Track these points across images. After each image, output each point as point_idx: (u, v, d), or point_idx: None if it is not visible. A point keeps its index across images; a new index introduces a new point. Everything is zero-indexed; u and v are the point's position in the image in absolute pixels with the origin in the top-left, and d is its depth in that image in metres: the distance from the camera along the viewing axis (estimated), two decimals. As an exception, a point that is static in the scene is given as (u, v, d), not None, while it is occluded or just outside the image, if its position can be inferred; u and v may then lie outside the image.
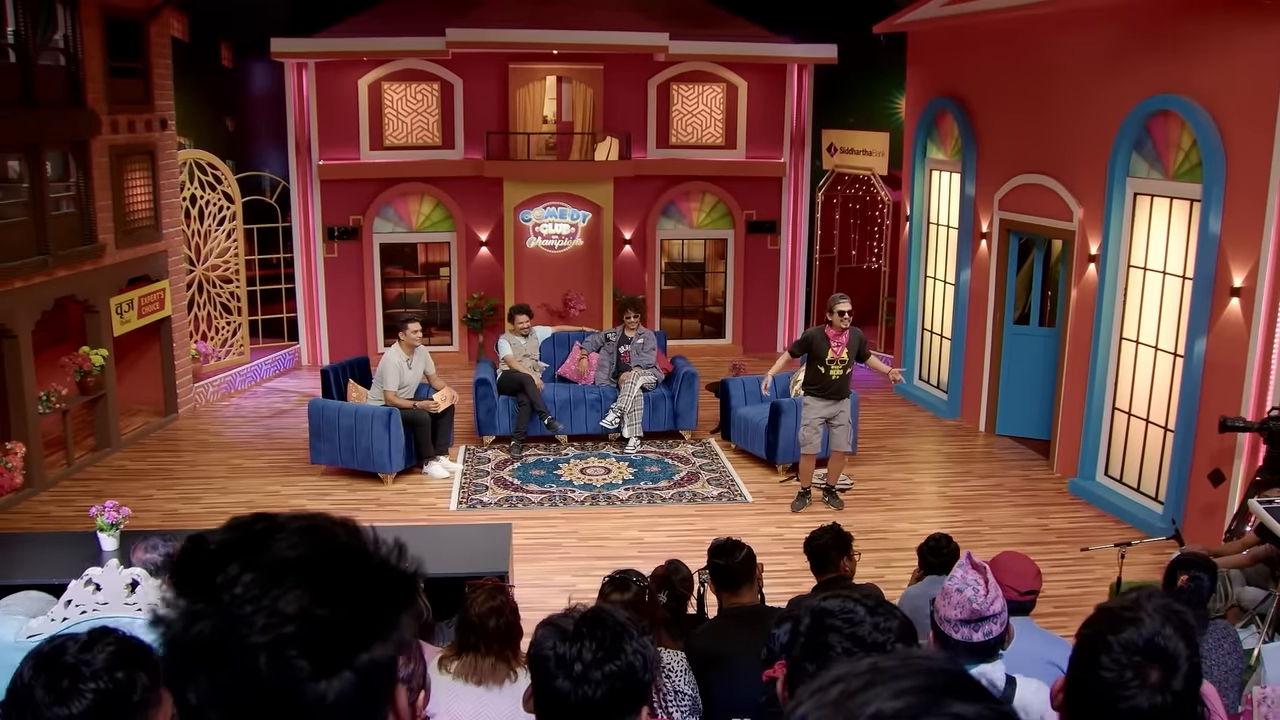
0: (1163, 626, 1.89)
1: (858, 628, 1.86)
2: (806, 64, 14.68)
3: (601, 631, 2.05)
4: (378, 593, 1.13)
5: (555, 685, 2.02)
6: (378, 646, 1.10)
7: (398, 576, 1.17)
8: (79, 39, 10.41)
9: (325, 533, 1.14)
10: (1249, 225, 8.22)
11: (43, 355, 11.10)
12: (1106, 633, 1.87)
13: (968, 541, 8.88)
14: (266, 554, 1.10)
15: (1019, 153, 11.11)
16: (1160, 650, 1.87)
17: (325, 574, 1.10)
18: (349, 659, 1.08)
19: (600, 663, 2.01)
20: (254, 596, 1.06)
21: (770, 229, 15.22)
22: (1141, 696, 1.82)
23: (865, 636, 1.86)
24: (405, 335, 10.42)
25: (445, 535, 7.14)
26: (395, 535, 1.22)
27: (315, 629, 1.06)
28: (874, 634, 1.86)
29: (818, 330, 9.53)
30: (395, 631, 1.13)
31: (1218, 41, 8.50)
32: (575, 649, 2.03)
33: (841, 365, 9.36)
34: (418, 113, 14.34)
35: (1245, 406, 8.27)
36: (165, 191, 11.97)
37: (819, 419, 9.48)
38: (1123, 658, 1.85)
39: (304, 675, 1.05)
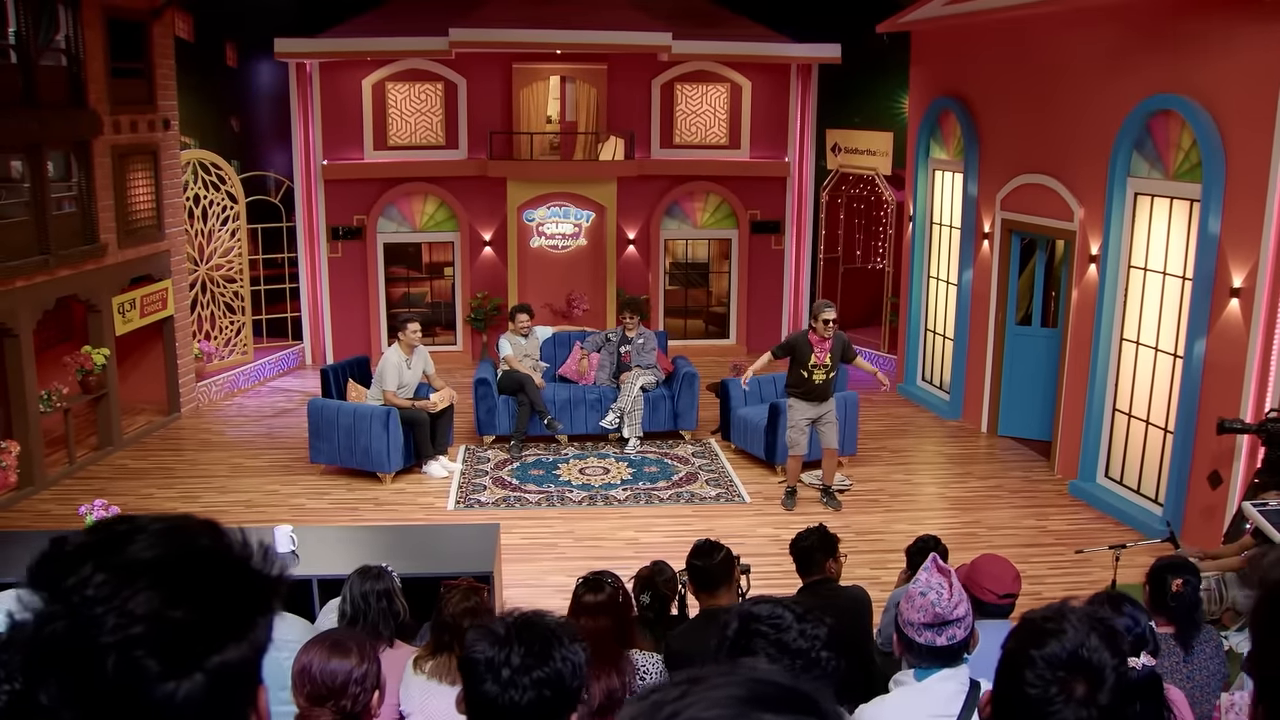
0: (1087, 638, 1.86)
1: (784, 634, 1.84)
2: (810, 64, 14.64)
3: (531, 637, 2.05)
4: (234, 595, 1.13)
5: (483, 689, 2.01)
6: (231, 649, 1.11)
7: (257, 580, 1.17)
8: (81, 40, 10.45)
9: (184, 535, 1.14)
10: (1249, 225, 8.16)
11: (46, 354, 11.17)
12: (1029, 646, 1.84)
13: (965, 543, 8.88)
14: (121, 555, 1.10)
15: (1021, 152, 11.07)
16: (1085, 663, 1.84)
17: (179, 576, 1.10)
18: (199, 660, 1.08)
19: (528, 668, 2.01)
20: (105, 597, 1.07)
21: (774, 229, 15.19)
22: (1067, 711, 1.79)
23: (791, 643, 1.84)
24: (405, 335, 10.43)
25: (432, 535, 7.14)
26: (262, 538, 1.22)
27: (165, 630, 1.06)
28: (799, 640, 1.84)
29: (801, 335, 9.55)
30: (250, 634, 1.13)
31: (1218, 41, 8.45)
32: (504, 654, 2.02)
33: (824, 370, 9.39)
34: (421, 113, 14.35)
35: (1245, 408, 8.21)
36: (168, 191, 12.01)
37: (804, 420, 9.52)
38: (1046, 672, 1.81)
39: (152, 676, 1.06)
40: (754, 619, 1.87)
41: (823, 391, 9.44)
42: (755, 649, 1.83)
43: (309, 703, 3.10)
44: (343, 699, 3.07)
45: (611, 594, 4.40)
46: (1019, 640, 1.89)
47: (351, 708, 3.09)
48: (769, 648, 1.83)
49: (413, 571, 5.54)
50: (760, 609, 1.90)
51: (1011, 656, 1.87)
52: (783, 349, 9.60)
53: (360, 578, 4.33)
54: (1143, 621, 3.78)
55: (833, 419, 9.58)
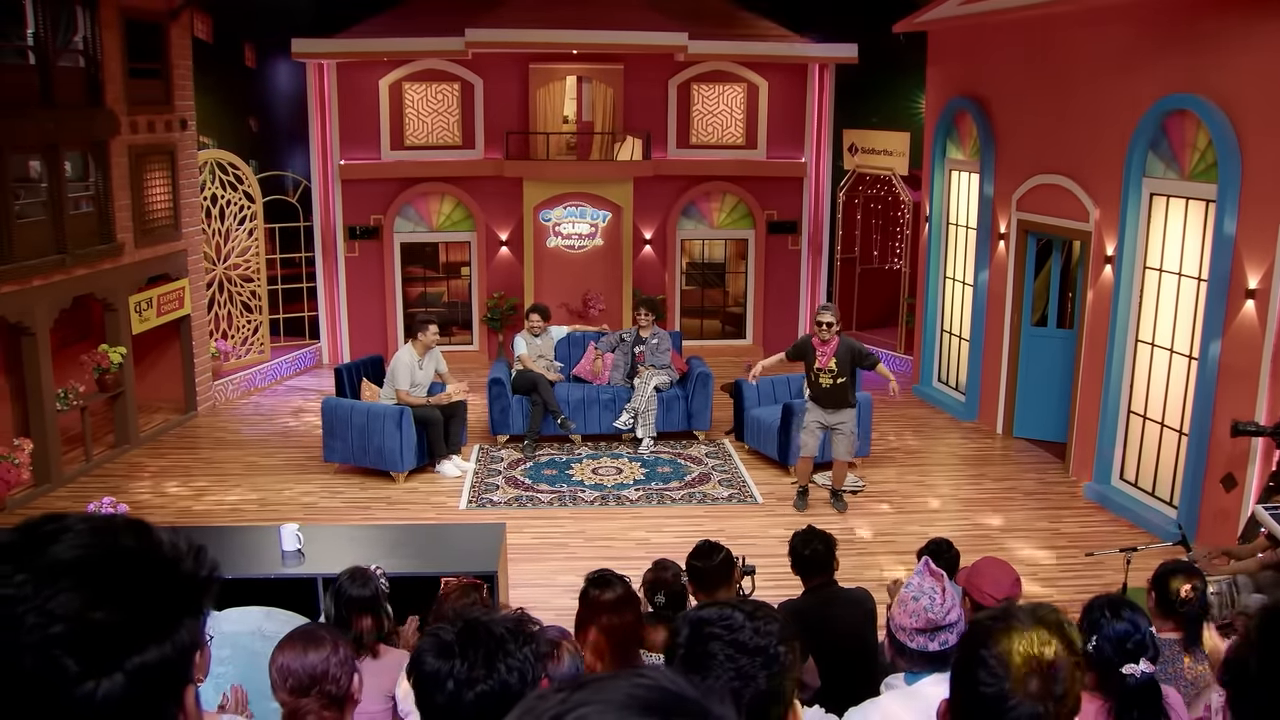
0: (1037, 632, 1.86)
1: (738, 633, 1.84)
2: (827, 64, 14.60)
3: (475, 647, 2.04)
4: (159, 597, 1.13)
5: (432, 700, 2.01)
6: (153, 650, 1.10)
7: (185, 581, 1.17)
8: (98, 40, 10.53)
9: (110, 535, 1.14)
10: (1264, 226, 8.08)
11: (65, 352, 11.25)
12: (980, 647, 1.84)
13: (978, 545, 8.83)
14: (44, 555, 1.10)
15: (1036, 153, 11.00)
16: (1035, 657, 1.84)
17: (102, 576, 1.10)
18: (119, 661, 1.08)
19: (472, 682, 2.01)
20: (26, 597, 1.07)
21: (791, 229, 15.16)
22: (1025, 707, 1.79)
23: (747, 642, 1.83)
24: (424, 336, 10.45)
25: (437, 535, 7.14)
26: (193, 538, 1.22)
27: (85, 631, 1.06)
28: (755, 639, 1.84)
29: (806, 338, 9.53)
30: (174, 635, 1.13)
31: (1234, 40, 8.38)
32: (449, 665, 2.02)
33: (830, 375, 9.27)
34: (438, 113, 14.39)
35: (1259, 410, 8.13)
36: (185, 191, 12.09)
37: (815, 423, 9.45)
38: (1000, 670, 1.81)
39: (71, 676, 1.06)
40: (705, 623, 1.87)
41: (832, 398, 9.31)
42: (713, 652, 1.83)
43: (293, 695, 3.13)
44: (326, 684, 3.13)
45: (626, 588, 4.40)
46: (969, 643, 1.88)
47: (336, 691, 3.14)
48: (726, 649, 1.83)
49: (416, 570, 5.56)
50: (708, 613, 1.90)
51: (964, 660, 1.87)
52: (793, 350, 9.59)
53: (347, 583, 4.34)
54: (1143, 627, 3.76)
55: (847, 430, 9.40)
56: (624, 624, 3.92)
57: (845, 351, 9.28)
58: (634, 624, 4.01)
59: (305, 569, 5.86)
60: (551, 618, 4.59)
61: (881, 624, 5.74)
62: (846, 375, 9.32)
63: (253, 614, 4.71)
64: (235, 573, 5.84)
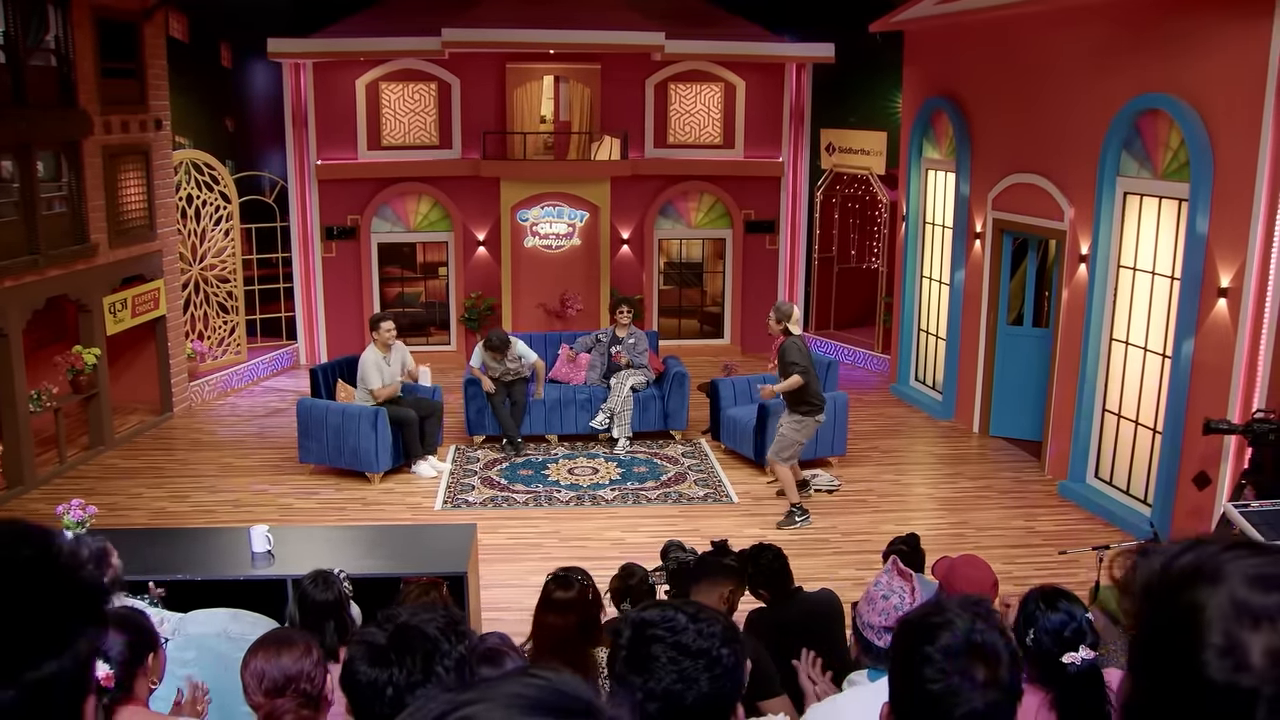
0: (974, 622, 1.86)
1: (681, 635, 1.83)
2: (804, 63, 14.63)
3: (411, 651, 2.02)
4: (55, 607, 1.10)
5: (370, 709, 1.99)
6: (49, 663, 1.08)
7: (83, 590, 1.14)
8: (70, 40, 10.46)
9: (5, 545, 1.11)
10: (1236, 225, 8.13)
11: (40, 354, 11.19)
12: (922, 644, 1.84)
13: (952, 544, 8.85)
14: None
15: (1012, 152, 11.04)
16: (979, 646, 1.84)
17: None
18: (13, 675, 1.05)
19: (412, 686, 1.99)
20: None
21: (769, 229, 15.17)
22: (975, 698, 1.79)
23: (690, 644, 1.83)
24: (379, 334, 10.45)
25: (407, 536, 7.12)
26: (96, 546, 1.19)
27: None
28: (698, 641, 1.83)
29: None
30: (72, 646, 1.10)
31: (1205, 40, 8.42)
32: (385, 674, 2.00)
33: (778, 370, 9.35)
34: (415, 113, 14.36)
35: (1232, 408, 8.18)
36: (160, 191, 12.03)
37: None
38: (946, 665, 1.81)
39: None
40: (648, 625, 1.86)
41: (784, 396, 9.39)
42: (655, 654, 1.82)
43: (268, 697, 3.14)
44: (301, 683, 3.14)
45: (581, 591, 4.40)
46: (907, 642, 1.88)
47: (311, 690, 3.16)
48: (668, 650, 1.82)
49: (386, 572, 5.54)
50: (651, 614, 1.89)
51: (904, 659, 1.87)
52: None
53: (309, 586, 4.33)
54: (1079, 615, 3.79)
55: (781, 431, 9.29)
56: (565, 625, 3.93)
57: (780, 353, 9.31)
58: (575, 627, 4.01)
59: (275, 570, 5.83)
60: (524, 618, 4.59)
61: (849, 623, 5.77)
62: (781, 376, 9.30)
63: (219, 615, 4.68)
64: (204, 574, 5.81)
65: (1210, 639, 0.93)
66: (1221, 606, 0.95)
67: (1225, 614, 0.94)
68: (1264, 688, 0.90)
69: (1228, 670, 0.92)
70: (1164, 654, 0.98)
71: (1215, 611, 0.95)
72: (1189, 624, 0.96)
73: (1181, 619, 0.97)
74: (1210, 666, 0.93)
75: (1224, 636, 0.93)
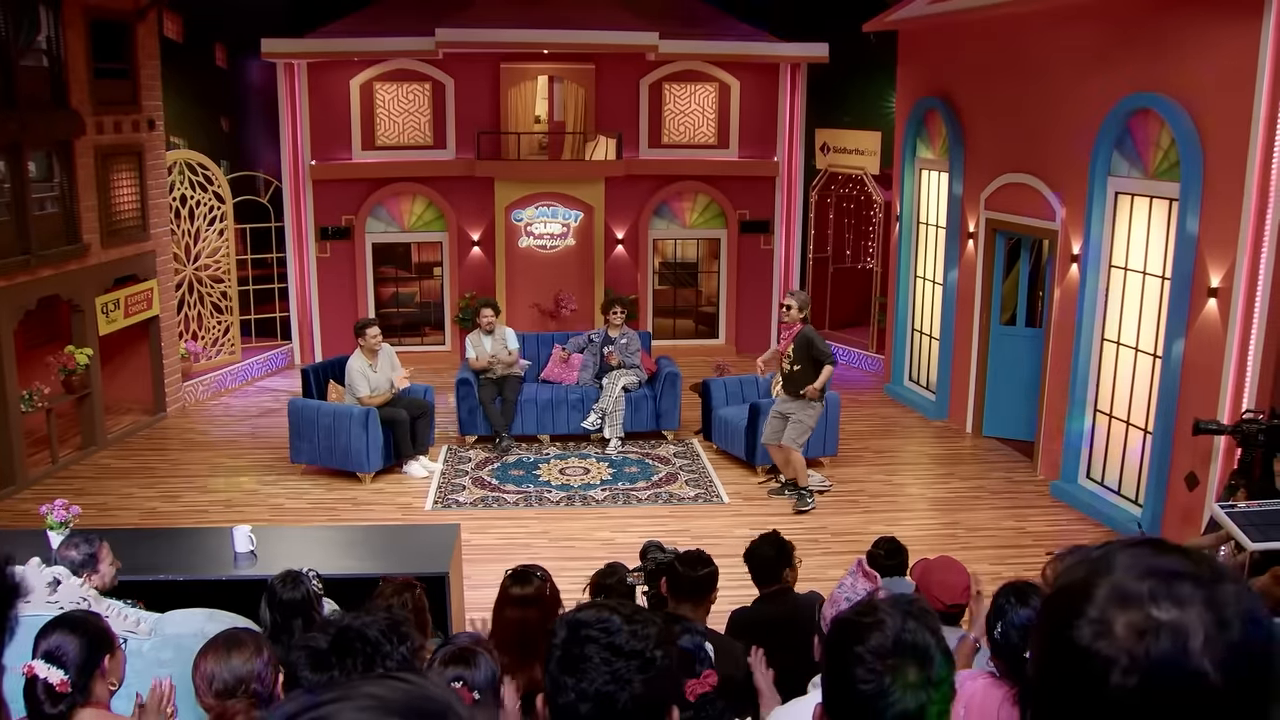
0: (904, 621, 1.85)
1: (615, 636, 1.82)
2: (799, 63, 14.61)
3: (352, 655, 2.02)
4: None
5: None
6: None
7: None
8: (62, 40, 10.46)
9: None
10: (1226, 224, 8.11)
11: (34, 354, 11.20)
12: (852, 644, 1.83)
13: (943, 545, 8.85)
14: None
15: (1004, 152, 11.03)
16: (910, 646, 1.83)
17: None
18: None
19: None
20: None
21: (763, 229, 15.15)
22: (907, 698, 1.78)
23: (623, 645, 1.82)
24: (365, 340, 10.43)
25: (390, 536, 7.11)
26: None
27: None
28: (632, 642, 1.82)
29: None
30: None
31: (1195, 39, 8.41)
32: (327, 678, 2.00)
33: (788, 361, 9.40)
34: (409, 113, 14.36)
35: (1222, 409, 8.16)
36: (153, 192, 12.02)
37: (775, 411, 9.66)
38: (877, 665, 1.80)
39: None
40: (582, 625, 1.85)
41: (789, 384, 9.48)
42: (588, 654, 1.82)
43: (219, 698, 3.13)
44: (252, 684, 3.14)
45: (539, 587, 4.41)
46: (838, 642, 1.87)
47: (262, 690, 3.15)
48: (602, 651, 1.82)
49: (364, 572, 5.54)
50: (586, 614, 1.88)
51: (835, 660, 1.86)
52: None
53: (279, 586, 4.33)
54: None
55: (799, 419, 9.49)
56: (525, 620, 3.93)
57: (802, 341, 9.34)
58: (536, 623, 4.01)
59: (257, 571, 5.82)
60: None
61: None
62: (803, 364, 9.36)
63: (196, 616, 4.67)
64: (186, 574, 5.81)
65: (1088, 614, 1.08)
66: (1104, 590, 1.09)
67: (1105, 596, 1.09)
68: (1120, 656, 1.05)
69: (1091, 637, 1.07)
70: (1051, 628, 1.12)
71: (1099, 594, 1.09)
72: (1076, 603, 1.10)
73: (1071, 600, 1.11)
74: (1081, 633, 1.08)
75: (1099, 612, 1.08)
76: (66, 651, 3.12)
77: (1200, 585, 1.07)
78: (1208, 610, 1.05)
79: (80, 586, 4.57)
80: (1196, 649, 1.03)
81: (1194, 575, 1.08)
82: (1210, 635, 1.04)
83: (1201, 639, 1.03)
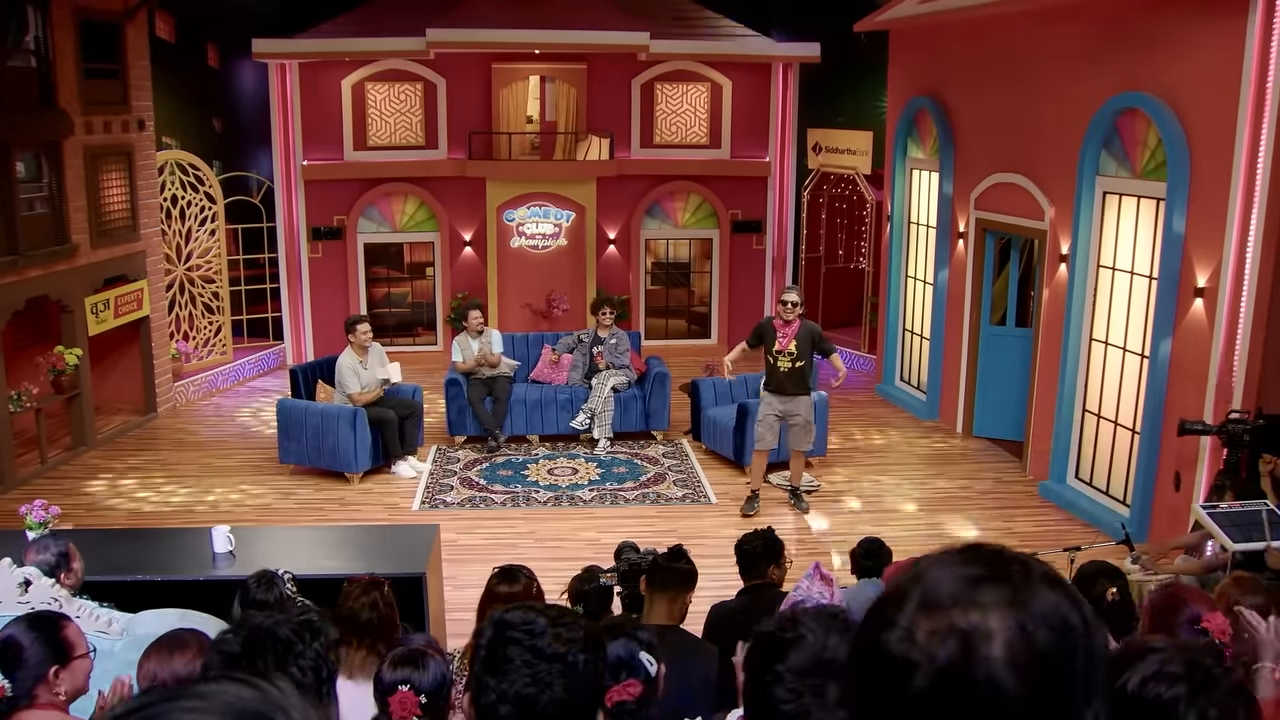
0: (826, 638, 1.82)
1: (538, 639, 1.81)
2: (791, 63, 14.59)
3: (263, 654, 2.01)
4: None
5: None
6: None
7: None
8: (50, 41, 10.45)
9: None
10: (1213, 224, 8.10)
11: (25, 354, 11.20)
12: (772, 661, 1.80)
13: (928, 545, 8.80)
14: None
15: (994, 151, 11.02)
16: (832, 664, 1.80)
17: None
18: None
19: None
20: None
21: (755, 229, 15.15)
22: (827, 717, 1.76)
23: (545, 648, 1.81)
24: (355, 337, 10.43)
25: (368, 536, 7.08)
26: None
27: None
28: (554, 645, 1.81)
29: (768, 319, 9.43)
30: None
31: (1183, 39, 8.40)
32: None
33: (789, 358, 9.15)
34: (401, 113, 14.35)
35: (1208, 409, 8.15)
36: (143, 192, 12.01)
37: (771, 414, 9.36)
38: (796, 684, 1.77)
39: None
40: (508, 626, 1.84)
41: (790, 383, 9.20)
42: (510, 656, 1.81)
43: None
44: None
45: (526, 585, 4.42)
46: (758, 658, 1.85)
47: None
48: (524, 653, 1.81)
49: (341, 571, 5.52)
50: (513, 616, 1.87)
51: (756, 677, 1.83)
52: (753, 336, 9.47)
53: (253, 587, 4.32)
54: None
55: (804, 421, 9.34)
56: None
57: (806, 335, 9.19)
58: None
59: (235, 571, 5.81)
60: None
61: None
62: (805, 360, 9.22)
63: (167, 616, 4.66)
64: (164, 575, 5.81)
65: (899, 622, 1.09)
66: (915, 598, 1.11)
67: (914, 604, 1.10)
68: (923, 661, 1.06)
69: (896, 643, 1.08)
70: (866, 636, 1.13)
71: (909, 603, 1.11)
72: (890, 612, 1.11)
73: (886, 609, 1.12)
74: (890, 641, 1.09)
75: (907, 619, 1.09)
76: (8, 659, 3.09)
77: (1007, 590, 1.07)
78: (1011, 616, 1.05)
79: (51, 587, 4.56)
80: (995, 654, 1.03)
81: (1002, 580, 1.08)
82: (1011, 641, 1.04)
83: (1002, 644, 1.04)
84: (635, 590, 5.12)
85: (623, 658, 2.89)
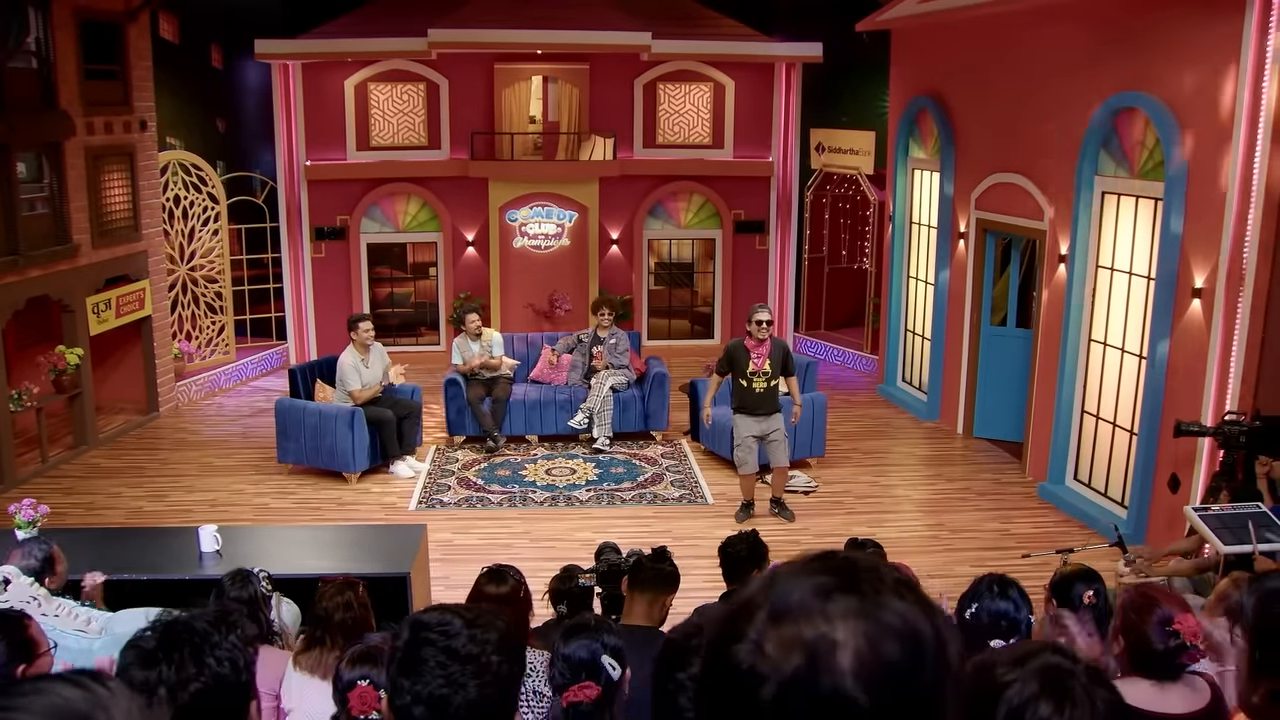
0: None
1: (453, 640, 1.81)
2: (794, 63, 14.57)
3: (179, 648, 2.02)
4: None
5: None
6: None
7: None
8: (51, 42, 10.50)
9: None
10: (1210, 225, 8.06)
11: (27, 353, 11.25)
12: (677, 670, 1.80)
13: (926, 546, 8.84)
14: None
15: (994, 151, 10.99)
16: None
17: None
18: None
19: (184, 682, 1.99)
20: None
21: (758, 229, 15.12)
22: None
23: (459, 649, 1.81)
24: (358, 335, 10.45)
25: (355, 536, 7.11)
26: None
27: None
28: (469, 646, 1.81)
29: (737, 342, 9.22)
30: None
31: (1180, 40, 8.35)
32: (155, 674, 2.00)
33: (764, 378, 9.02)
34: (404, 113, 14.37)
35: (1205, 410, 8.11)
36: (145, 192, 12.06)
37: (750, 437, 9.20)
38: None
39: None
40: (423, 627, 1.84)
41: (765, 403, 9.09)
42: (425, 657, 1.81)
43: None
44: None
45: (514, 586, 4.42)
46: (664, 667, 1.84)
47: None
48: (438, 654, 1.81)
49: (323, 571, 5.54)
50: (429, 616, 1.87)
51: (662, 688, 1.83)
52: (723, 363, 9.27)
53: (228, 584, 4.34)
54: (1024, 613, 3.75)
55: (780, 436, 9.22)
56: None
57: (778, 352, 9.10)
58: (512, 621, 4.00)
59: (221, 570, 5.81)
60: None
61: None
62: (778, 378, 9.15)
63: (148, 615, 4.68)
64: (150, 574, 5.83)
65: (749, 634, 1.06)
66: (764, 609, 1.08)
67: (764, 613, 1.07)
68: (771, 673, 1.03)
69: (745, 654, 1.06)
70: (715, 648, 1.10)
71: (759, 614, 1.08)
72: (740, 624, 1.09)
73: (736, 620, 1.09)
74: (739, 653, 1.06)
75: (756, 631, 1.06)
76: None
77: (855, 601, 1.05)
78: (859, 626, 1.03)
79: (30, 585, 4.59)
80: (843, 665, 1.01)
81: (851, 591, 1.06)
82: (859, 651, 1.02)
83: (850, 655, 1.02)
84: (615, 591, 5.11)
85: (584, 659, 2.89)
